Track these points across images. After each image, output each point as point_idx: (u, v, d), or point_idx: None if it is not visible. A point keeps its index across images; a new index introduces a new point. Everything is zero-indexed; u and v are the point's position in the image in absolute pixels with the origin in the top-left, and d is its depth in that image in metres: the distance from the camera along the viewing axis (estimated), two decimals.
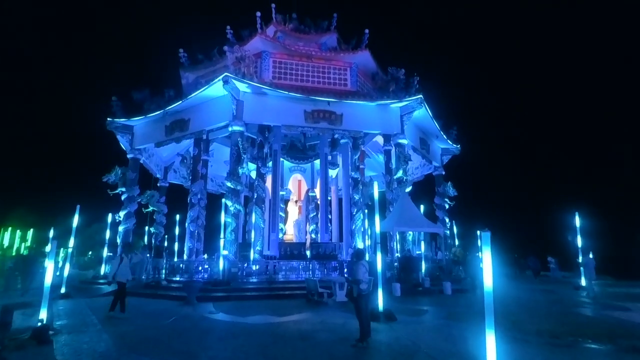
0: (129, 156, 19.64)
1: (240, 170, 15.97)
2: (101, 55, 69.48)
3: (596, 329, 7.69)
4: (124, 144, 19.75)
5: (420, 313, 9.45)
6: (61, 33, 67.00)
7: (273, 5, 20.86)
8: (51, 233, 16.92)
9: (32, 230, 29.71)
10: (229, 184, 15.52)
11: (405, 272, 14.55)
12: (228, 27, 19.87)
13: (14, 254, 19.43)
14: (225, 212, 14.99)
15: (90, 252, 33.72)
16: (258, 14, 19.37)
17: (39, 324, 6.47)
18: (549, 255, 22.29)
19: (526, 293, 14.24)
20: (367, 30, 20.26)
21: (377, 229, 9.16)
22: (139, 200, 19.52)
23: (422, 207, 18.55)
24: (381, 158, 20.41)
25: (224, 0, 74.69)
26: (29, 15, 61.64)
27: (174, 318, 8.67)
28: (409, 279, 14.17)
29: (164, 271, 16.05)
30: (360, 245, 17.40)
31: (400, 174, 17.36)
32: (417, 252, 17.26)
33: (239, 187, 15.75)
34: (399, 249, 17.09)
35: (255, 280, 14.19)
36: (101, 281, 16.68)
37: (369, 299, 6.59)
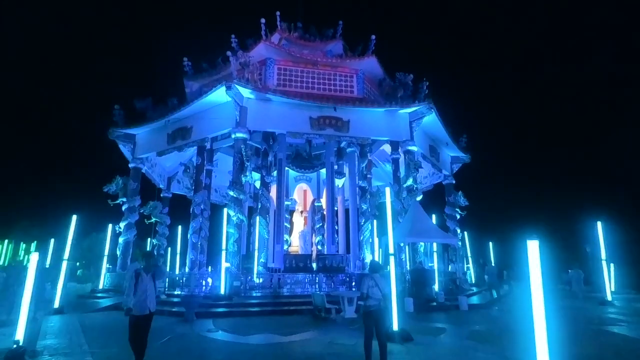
0: (130, 165, 19.23)
1: (243, 179, 15.41)
2: (104, 64, 70.49)
3: None
4: (125, 153, 19.39)
5: (438, 332, 8.60)
6: (63, 40, 68.27)
7: (278, 13, 20.64)
8: (51, 244, 16.41)
9: (35, 242, 29.39)
10: (231, 193, 14.93)
11: (417, 286, 13.65)
12: (233, 35, 19.61)
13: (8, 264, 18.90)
14: (228, 222, 14.34)
15: (85, 264, 33.24)
16: (262, 20, 19.04)
17: (14, 345, 5.80)
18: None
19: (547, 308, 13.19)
20: (373, 37, 19.85)
21: (390, 239, 8.39)
22: (141, 210, 19.02)
23: (433, 217, 17.75)
24: (388, 167, 19.72)
25: (229, 11, 75.84)
26: (31, 18, 62.91)
27: (169, 337, 7.93)
28: (421, 294, 13.28)
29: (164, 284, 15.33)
30: (368, 257, 16.57)
31: (410, 182, 16.61)
32: (430, 265, 16.37)
33: (241, 196, 15.14)
34: (409, 261, 16.21)
35: (258, 294, 13.41)
36: (100, 295, 16.05)
37: (380, 318, 5.63)
